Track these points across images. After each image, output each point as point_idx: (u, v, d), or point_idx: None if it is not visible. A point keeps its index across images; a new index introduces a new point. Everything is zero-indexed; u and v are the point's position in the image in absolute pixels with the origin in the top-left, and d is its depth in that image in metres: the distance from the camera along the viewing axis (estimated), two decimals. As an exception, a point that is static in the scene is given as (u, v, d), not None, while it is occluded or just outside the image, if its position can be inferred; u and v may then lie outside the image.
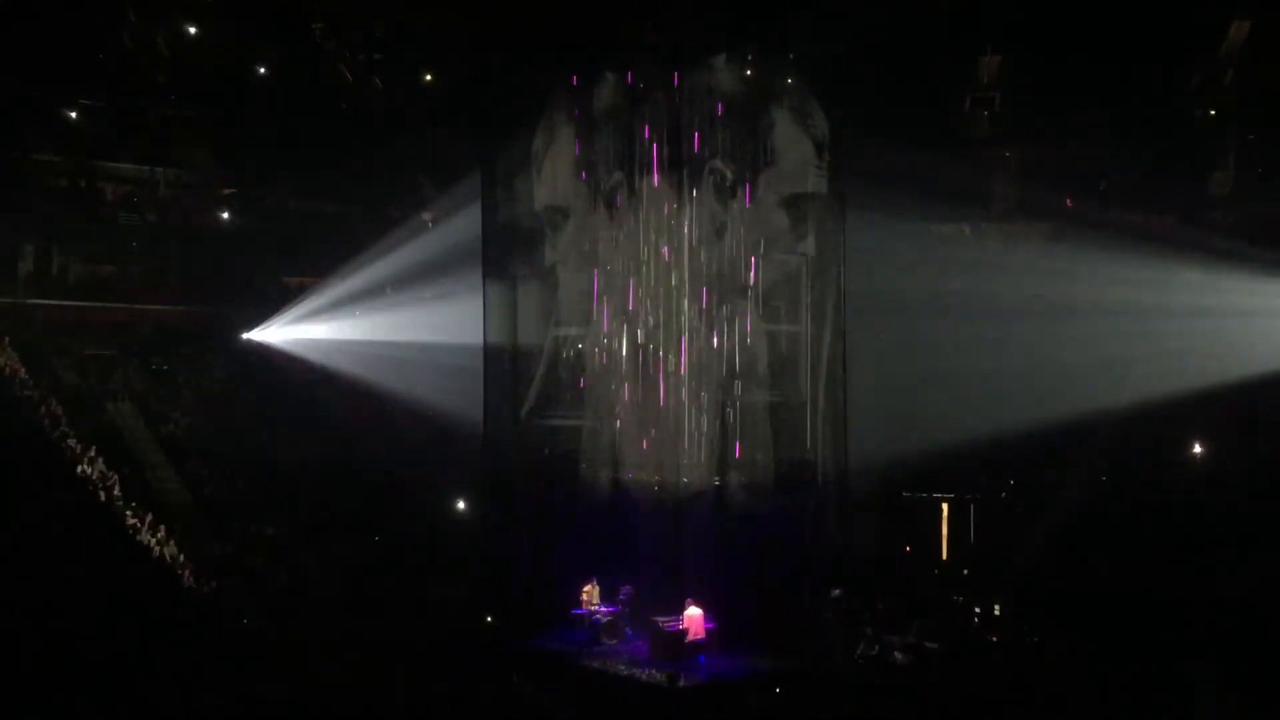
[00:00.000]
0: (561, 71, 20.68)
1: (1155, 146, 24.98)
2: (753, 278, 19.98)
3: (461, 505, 24.68)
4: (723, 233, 19.84)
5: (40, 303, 27.08)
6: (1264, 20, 23.95)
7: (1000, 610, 20.30)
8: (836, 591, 19.52)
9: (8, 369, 24.63)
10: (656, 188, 19.88)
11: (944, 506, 23.86)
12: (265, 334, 27.97)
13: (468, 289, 23.58)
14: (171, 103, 27.89)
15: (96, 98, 27.52)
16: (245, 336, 27.93)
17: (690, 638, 18.25)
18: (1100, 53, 23.57)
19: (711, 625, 18.50)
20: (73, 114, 27.64)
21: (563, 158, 20.66)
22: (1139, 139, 25.00)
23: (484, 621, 20.55)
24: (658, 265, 20.06)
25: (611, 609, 19.61)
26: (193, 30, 26.78)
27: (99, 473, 22.55)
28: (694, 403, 19.75)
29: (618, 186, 20.21)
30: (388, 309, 27.82)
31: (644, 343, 20.12)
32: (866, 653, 18.47)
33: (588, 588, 19.79)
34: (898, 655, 18.32)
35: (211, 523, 22.98)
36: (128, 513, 21.84)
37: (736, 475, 19.66)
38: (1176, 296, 23.91)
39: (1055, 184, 26.65)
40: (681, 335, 19.79)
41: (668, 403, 19.88)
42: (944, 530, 23.91)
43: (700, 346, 19.87)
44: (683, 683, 17.02)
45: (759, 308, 20.00)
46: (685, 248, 19.82)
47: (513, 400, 21.46)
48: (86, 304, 27.73)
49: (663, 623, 18.58)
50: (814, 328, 20.01)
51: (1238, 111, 25.48)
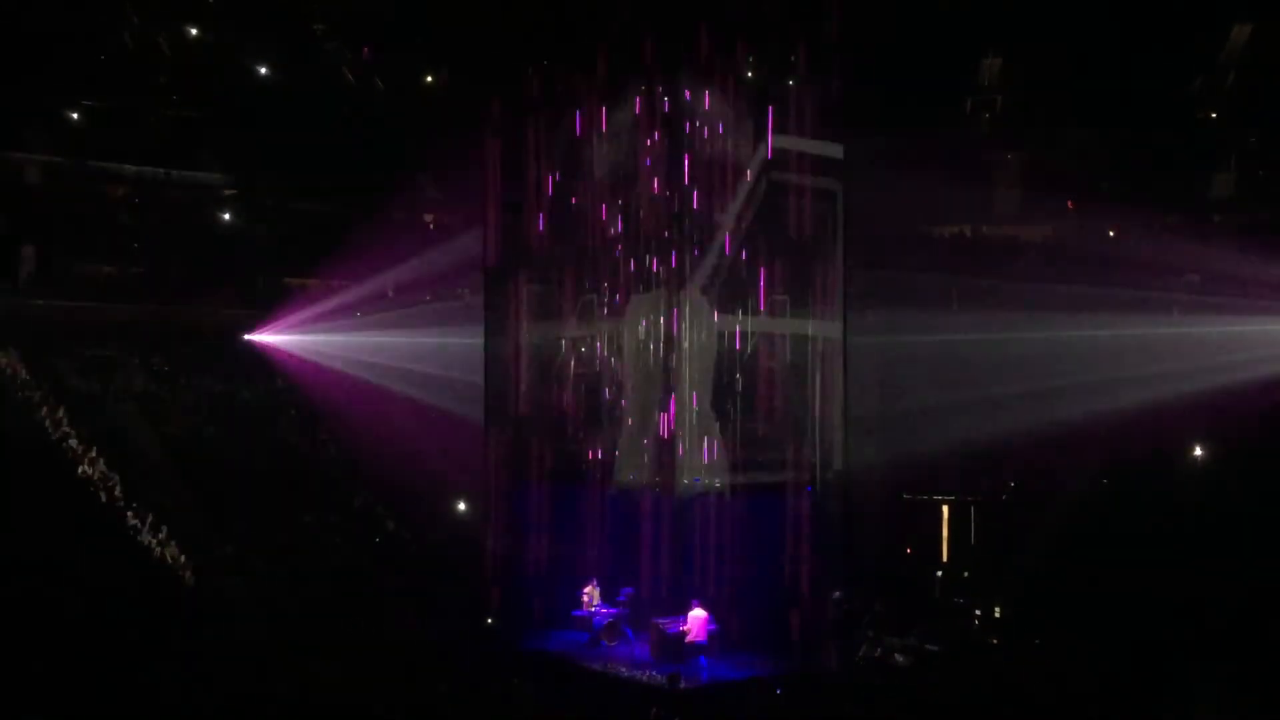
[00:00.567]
0: (560, 70, 20.68)
1: (1157, 148, 25.00)
2: (755, 278, 19.96)
3: (462, 506, 24.68)
4: (722, 230, 19.81)
5: (41, 303, 27.07)
6: (1265, 23, 23.99)
7: (1001, 612, 20.28)
8: (837, 593, 19.50)
9: (9, 369, 24.64)
10: (658, 187, 19.87)
11: (945, 508, 23.87)
12: (266, 334, 27.98)
13: (469, 288, 23.62)
14: (173, 103, 27.91)
15: (98, 98, 27.53)
16: (246, 337, 27.94)
17: (691, 639, 18.23)
18: (1102, 55, 23.60)
19: (714, 627, 18.48)
20: (74, 114, 27.65)
21: (563, 157, 20.66)
22: (1140, 141, 25.03)
23: (484, 622, 20.54)
24: (658, 265, 20.04)
25: (612, 610, 19.60)
26: (194, 31, 26.79)
27: (100, 473, 22.55)
28: (695, 404, 19.72)
29: (619, 186, 20.21)
30: (388, 309, 27.87)
31: (644, 342, 20.10)
32: (868, 654, 18.46)
33: (588, 589, 19.78)
34: (899, 657, 18.31)
35: (213, 524, 22.96)
36: (129, 513, 21.84)
37: (737, 476, 19.63)
38: (1178, 297, 23.95)
39: (1056, 185, 26.69)
40: (684, 336, 19.76)
41: (668, 403, 19.85)
42: (945, 532, 23.91)
43: (701, 346, 19.84)
44: (683, 684, 17.00)
45: (761, 308, 19.97)
46: (685, 248, 19.79)
47: (513, 400, 21.44)
48: (88, 304, 27.71)
49: (663, 624, 18.56)
50: (816, 328, 19.99)
51: (1239, 114, 25.51)
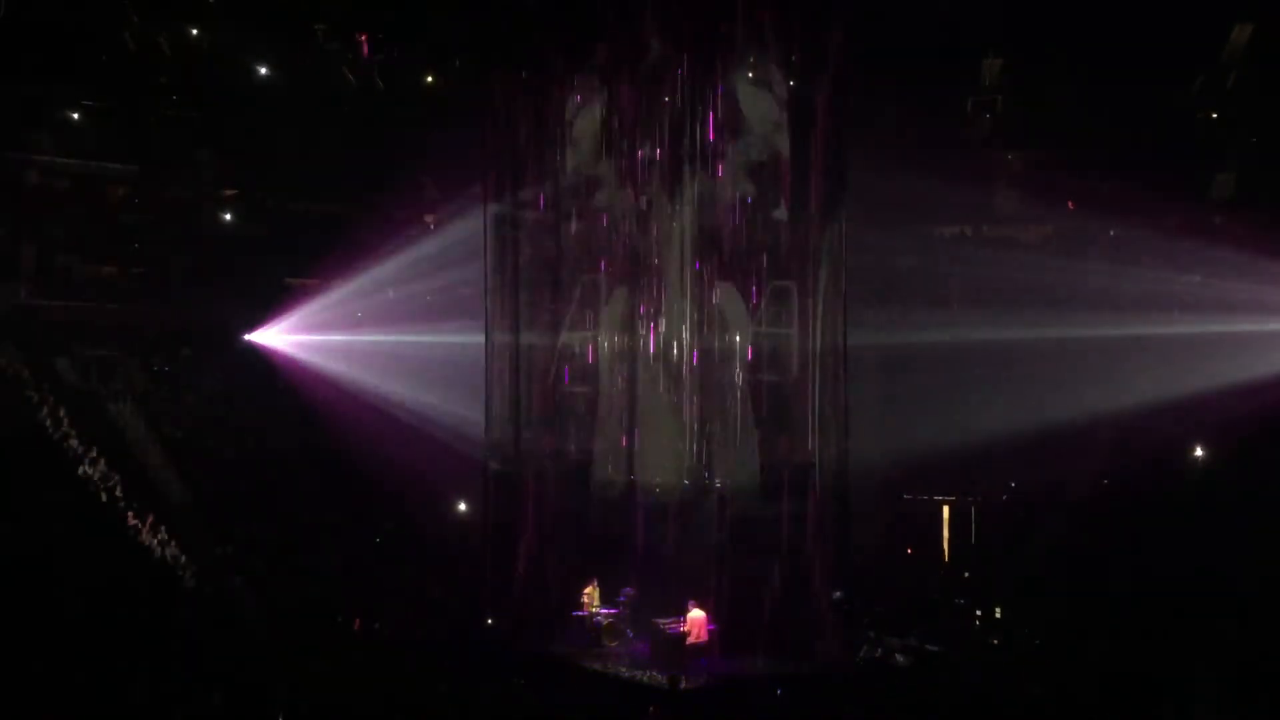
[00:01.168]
0: (561, 70, 20.67)
1: (1157, 148, 24.96)
2: (755, 277, 19.97)
3: (462, 506, 24.67)
4: (726, 232, 19.82)
5: (42, 303, 27.05)
6: (1266, 22, 23.95)
7: (1001, 613, 20.28)
8: (838, 594, 19.51)
9: (9, 370, 24.62)
10: (660, 186, 19.87)
11: (945, 509, 23.88)
12: (266, 335, 27.97)
13: (469, 289, 23.61)
14: (174, 103, 27.85)
15: (98, 98, 27.50)
16: (246, 337, 27.93)
17: (692, 640, 18.22)
18: (1102, 55, 23.57)
19: (713, 627, 18.48)
20: (75, 114, 27.62)
21: (565, 154, 20.66)
22: (1141, 141, 24.99)
23: (484, 623, 20.53)
24: (658, 265, 20.05)
25: (612, 611, 19.60)
26: (195, 31, 26.75)
27: (100, 473, 22.53)
28: (694, 404, 19.71)
29: (620, 184, 20.20)
30: (389, 309, 27.84)
31: (645, 344, 20.10)
32: (868, 655, 18.45)
33: (588, 589, 19.78)
34: (899, 657, 18.30)
35: (213, 523, 22.96)
36: (129, 513, 21.83)
37: (736, 477, 19.63)
38: (1178, 298, 23.94)
39: (1057, 186, 26.66)
40: (683, 336, 19.76)
41: (668, 403, 19.85)
42: (945, 532, 23.92)
43: (701, 347, 19.84)
44: (684, 685, 17.00)
45: (762, 308, 19.97)
46: (687, 247, 19.80)
47: (513, 400, 21.43)
48: (88, 304, 27.69)
49: (664, 625, 18.55)
50: (815, 328, 19.98)
51: (1240, 114, 25.47)
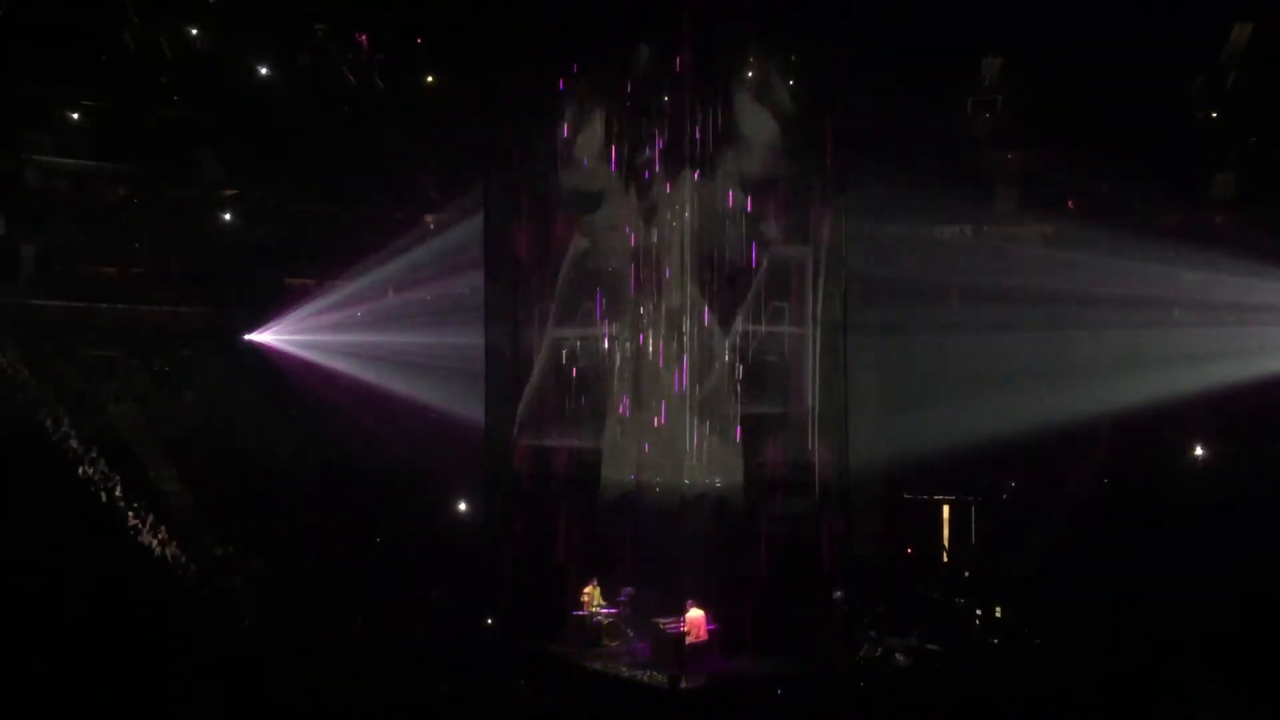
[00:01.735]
0: (561, 71, 20.69)
1: (1157, 148, 24.96)
2: (755, 277, 19.97)
3: (462, 506, 24.68)
4: (725, 232, 19.83)
5: (42, 303, 27.06)
6: (1266, 22, 23.95)
7: (1002, 612, 20.28)
8: (838, 593, 19.51)
9: (9, 370, 24.62)
10: (658, 187, 19.89)
11: (945, 508, 23.88)
12: (266, 335, 27.98)
13: (469, 290, 23.62)
14: (173, 103, 27.85)
15: (98, 98, 27.49)
16: (246, 337, 27.93)
17: (692, 640, 18.23)
18: (1102, 54, 23.57)
19: (713, 627, 18.49)
20: (75, 114, 27.62)
21: (564, 156, 20.67)
22: (1141, 141, 24.98)
23: (484, 622, 20.53)
24: (658, 265, 20.05)
25: (612, 610, 19.60)
26: (195, 31, 26.75)
27: (100, 473, 22.52)
28: (695, 404, 19.72)
29: (620, 185, 20.22)
30: (389, 310, 27.86)
31: (645, 343, 20.11)
32: (868, 655, 18.45)
33: (589, 589, 19.78)
34: (899, 657, 18.30)
35: (213, 524, 22.96)
36: (129, 513, 21.82)
37: (737, 476, 19.64)
38: (1178, 298, 23.94)
39: (1057, 186, 26.66)
40: (683, 335, 19.77)
41: (668, 404, 19.86)
42: (945, 532, 23.92)
43: (701, 347, 19.85)
44: (684, 685, 17.00)
45: (761, 308, 19.98)
46: (686, 247, 19.80)
47: (513, 400, 21.43)
48: (88, 305, 27.70)
49: (664, 624, 18.56)
50: (815, 328, 19.99)
51: (1240, 113, 25.46)
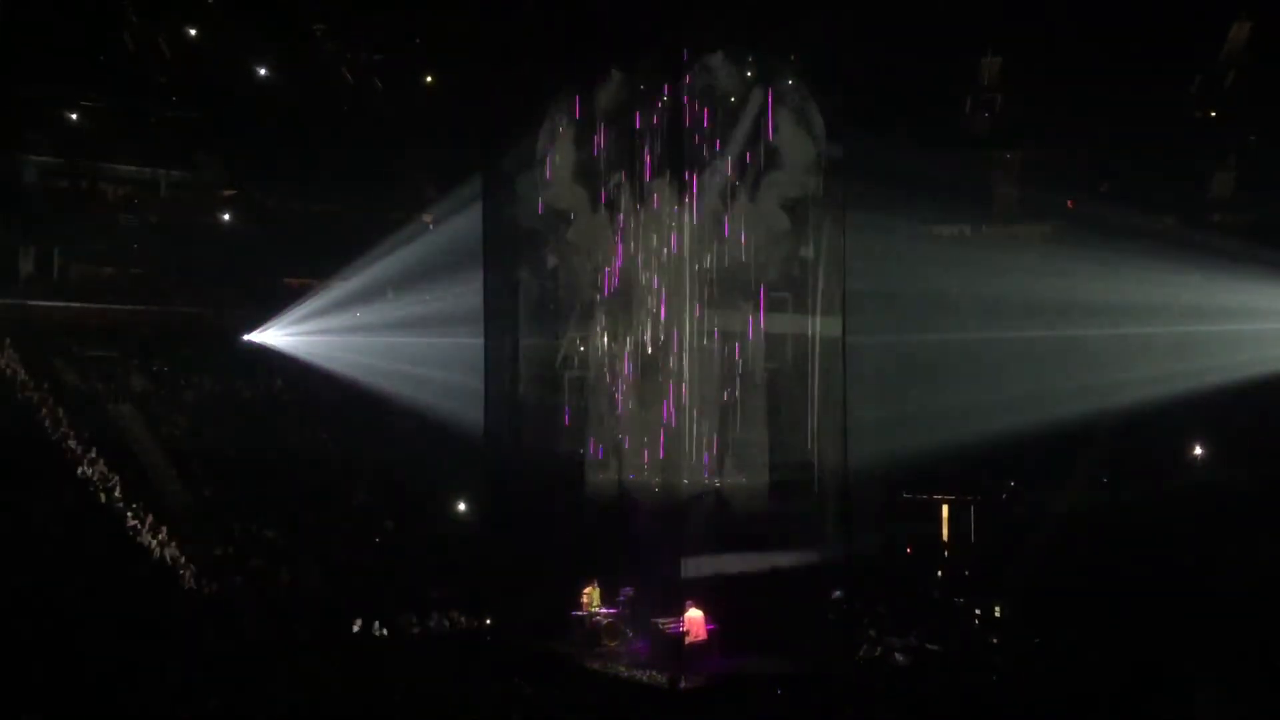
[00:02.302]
0: (564, 72, 20.68)
1: (1156, 147, 24.97)
2: (753, 279, 19.98)
3: (462, 506, 24.68)
4: (724, 234, 19.84)
5: (41, 304, 27.06)
6: (1265, 21, 23.96)
7: (1001, 611, 20.27)
8: (837, 593, 19.51)
9: (9, 370, 24.63)
10: (658, 189, 19.88)
11: (945, 507, 23.86)
12: (266, 335, 27.98)
13: (469, 290, 23.59)
14: (173, 104, 27.88)
15: (98, 99, 27.51)
16: (246, 338, 27.94)
17: (691, 639, 18.22)
18: (1101, 54, 23.57)
19: (712, 627, 18.48)
20: (74, 115, 27.64)
21: (564, 159, 20.65)
22: (1140, 140, 25.00)
23: (484, 622, 20.52)
24: (659, 267, 20.05)
25: (612, 611, 19.60)
26: (194, 32, 26.77)
27: (100, 474, 22.54)
28: (694, 404, 19.72)
29: (619, 188, 20.22)
30: (389, 310, 27.86)
31: (645, 344, 20.11)
32: (868, 654, 18.44)
33: (588, 589, 19.77)
34: (899, 656, 18.28)
35: (212, 524, 22.96)
36: (129, 514, 21.83)
37: (736, 477, 19.63)
38: (1177, 297, 23.92)
39: (1056, 185, 26.67)
40: (683, 336, 19.77)
41: (668, 404, 19.86)
42: (945, 531, 23.90)
43: (701, 348, 19.85)
44: (683, 684, 17.00)
45: (760, 309, 19.98)
46: (686, 250, 19.80)
47: (512, 400, 21.43)
48: (87, 305, 27.71)
49: (663, 624, 18.55)
50: (814, 329, 19.98)
51: (1239, 113, 25.48)
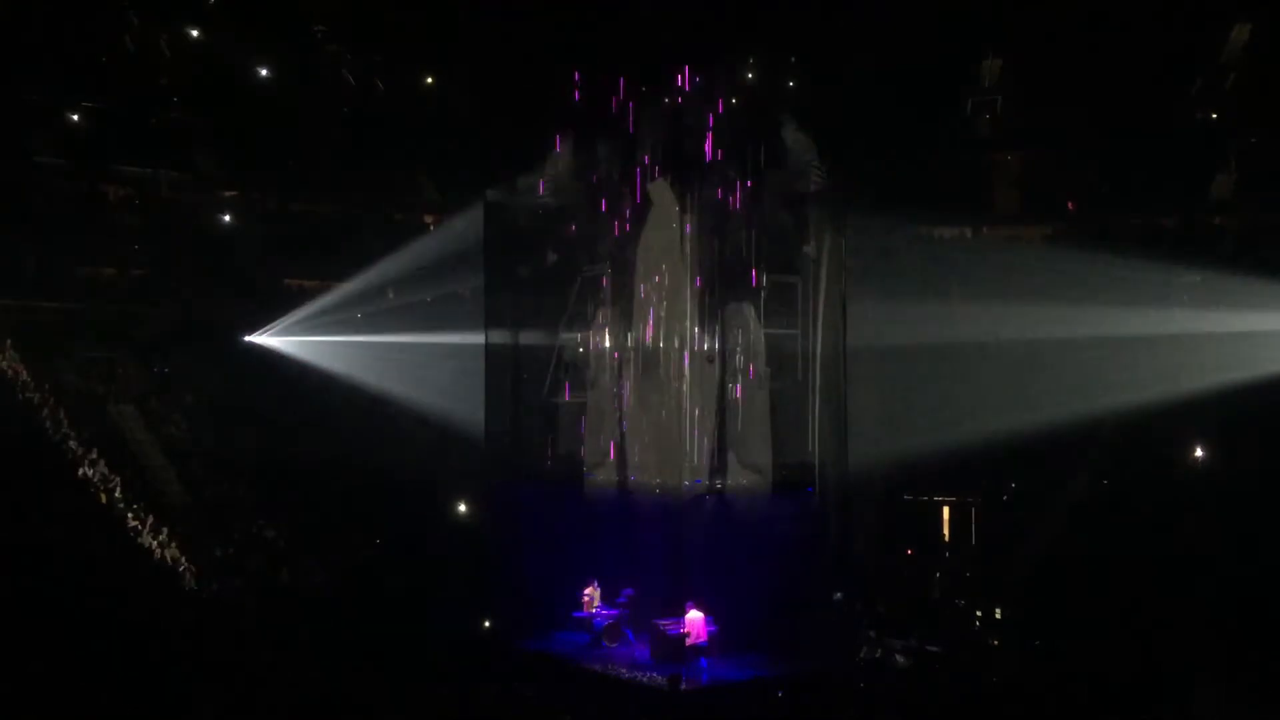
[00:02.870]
0: (566, 73, 20.71)
1: (1157, 150, 25.00)
2: (755, 280, 19.98)
3: (463, 507, 24.68)
4: (725, 235, 19.84)
5: (42, 305, 27.07)
6: (1265, 24, 23.99)
7: (1002, 613, 20.28)
8: (838, 594, 19.51)
9: (10, 371, 24.64)
10: (659, 190, 19.89)
11: (945, 509, 23.87)
12: (267, 336, 27.99)
13: (469, 291, 23.61)
14: (174, 105, 27.90)
15: (99, 100, 27.53)
16: (247, 339, 27.95)
17: (691, 641, 18.23)
18: (1102, 56, 23.61)
19: (713, 628, 18.49)
20: (75, 116, 27.65)
21: (565, 159, 20.68)
22: (1141, 142, 25.02)
23: (484, 623, 20.52)
24: (659, 267, 20.06)
25: (612, 612, 19.60)
26: (195, 33, 26.80)
27: (100, 475, 22.54)
28: (695, 405, 19.72)
29: (620, 188, 20.23)
30: (389, 311, 27.86)
31: (645, 345, 20.11)
32: (868, 655, 18.45)
33: (589, 590, 19.77)
34: (899, 658, 18.30)
35: (213, 525, 22.97)
36: (129, 515, 21.84)
37: (737, 478, 19.64)
38: (1178, 299, 23.94)
39: (1056, 187, 26.70)
40: (683, 337, 19.77)
41: (669, 405, 19.86)
42: (945, 533, 23.91)
43: (701, 349, 19.85)
44: (684, 686, 17.00)
45: (761, 310, 19.99)
46: (687, 250, 19.81)
47: (513, 401, 21.43)
48: (88, 306, 27.71)
49: (664, 626, 18.55)
50: (815, 330, 19.99)
51: (1239, 115, 25.50)
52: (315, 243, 29.16)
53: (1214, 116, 25.89)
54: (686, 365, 19.69)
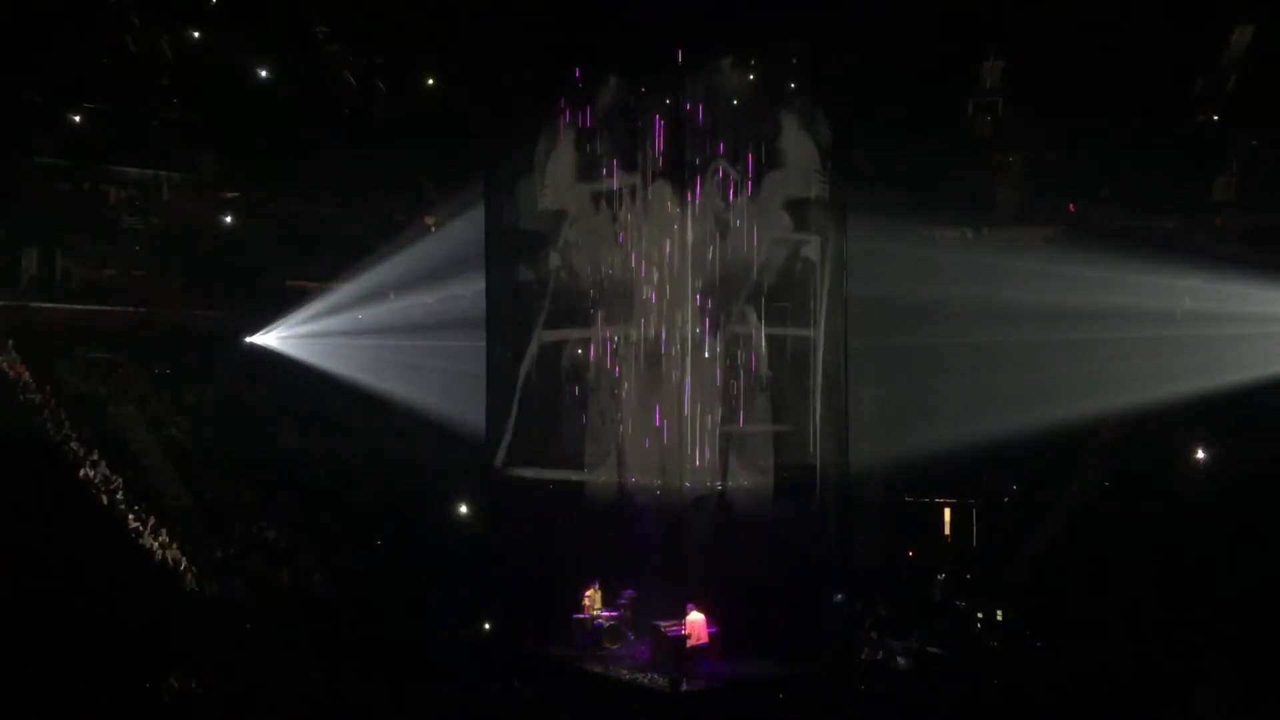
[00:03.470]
0: (565, 73, 20.70)
1: (1158, 151, 24.97)
2: (755, 281, 19.98)
3: (463, 509, 24.67)
4: (726, 236, 19.85)
5: (43, 306, 27.06)
6: (1267, 25, 23.97)
7: (1003, 615, 20.27)
8: (839, 596, 19.51)
9: (11, 372, 24.63)
10: (660, 191, 19.89)
11: (946, 511, 23.85)
12: (268, 337, 27.99)
13: (470, 292, 23.61)
14: (175, 106, 27.88)
15: (100, 101, 27.51)
16: (248, 340, 27.94)
17: (692, 642, 18.22)
18: (1103, 57, 23.58)
19: (714, 630, 18.48)
20: (76, 117, 27.64)
21: (565, 161, 20.67)
22: (1142, 144, 25.00)
23: (484, 624, 20.51)
24: (660, 268, 20.06)
25: (613, 613, 19.59)
26: (196, 34, 26.78)
27: (102, 476, 22.52)
28: (696, 406, 19.71)
29: (620, 188, 20.22)
30: (390, 312, 27.86)
31: (646, 346, 20.11)
32: (869, 657, 18.45)
33: (590, 592, 19.77)
34: (900, 660, 18.30)
35: (214, 526, 22.96)
36: (130, 516, 21.82)
37: (738, 479, 19.63)
38: (1179, 301, 23.92)
39: (1058, 188, 26.67)
40: (684, 339, 19.77)
41: (670, 405, 19.86)
42: (946, 534, 23.89)
43: (703, 350, 19.85)
44: (685, 687, 17.00)
45: (762, 311, 19.98)
46: (688, 251, 19.81)
47: (513, 402, 21.43)
48: (89, 307, 27.69)
49: (665, 627, 18.55)
50: (816, 331, 19.98)
51: (1241, 116, 25.47)
52: (316, 244, 29.13)
53: (1215, 118, 25.86)
54: (688, 366, 19.69)
